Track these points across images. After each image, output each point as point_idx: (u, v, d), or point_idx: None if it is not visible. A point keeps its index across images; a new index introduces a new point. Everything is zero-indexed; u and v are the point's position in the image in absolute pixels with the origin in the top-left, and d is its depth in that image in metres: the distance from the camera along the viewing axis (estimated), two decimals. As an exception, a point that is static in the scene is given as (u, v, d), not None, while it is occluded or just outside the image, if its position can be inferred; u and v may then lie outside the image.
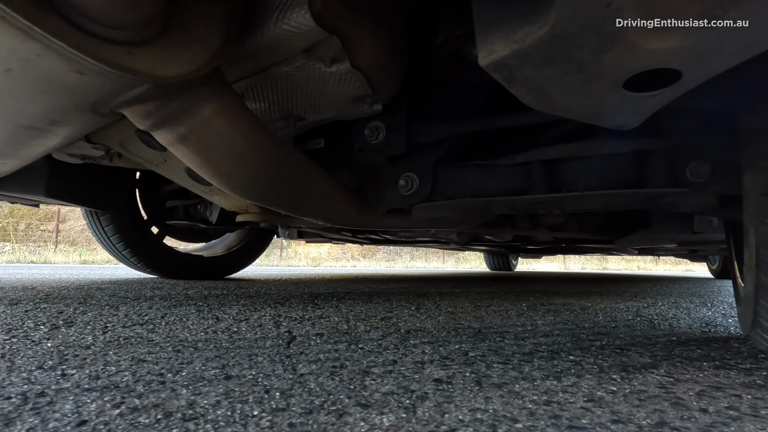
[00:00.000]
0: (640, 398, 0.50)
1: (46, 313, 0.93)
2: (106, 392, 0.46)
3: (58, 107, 0.54)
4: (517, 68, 0.40)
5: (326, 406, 0.45)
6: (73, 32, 0.41)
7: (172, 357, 0.62)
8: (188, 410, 0.42)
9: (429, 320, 1.02)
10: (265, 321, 0.93)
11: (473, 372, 0.59)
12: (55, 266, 4.52)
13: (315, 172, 0.90)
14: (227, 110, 0.60)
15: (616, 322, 1.08)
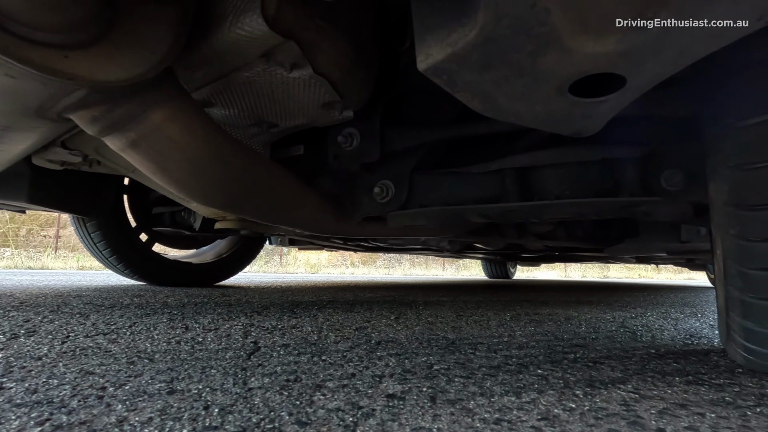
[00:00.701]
0: (597, 416, 0.48)
1: (10, 322, 0.92)
2: (35, 408, 0.45)
3: (1, 112, 0.53)
4: (456, 73, 0.39)
5: (263, 424, 0.43)
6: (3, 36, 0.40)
7: (123, 369, 0.60)
8: (115, 428, 0.40)
9: (404, 330, 1.00)
10: (235, 331, 0.92)
11: (431, 387, 0.57)
12: (51, 272, 4.51)
13: (286, 179, 0.89)
14: (180, 115, 0.59)
15: (597, 333, 1.06)
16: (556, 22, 0.32)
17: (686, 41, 0.32)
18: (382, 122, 0.93)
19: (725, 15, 0.29)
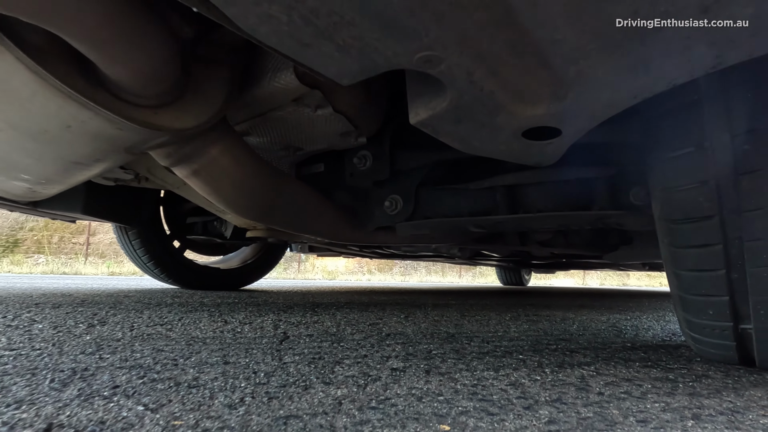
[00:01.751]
0: (554, 384, 0.62)
1: (83, 315, 1.10)
2: (132, 370, 0.61)
3: (101, 150, 0.70)
4: (437, 126, 0.54)
5: (298, 383, 0.58)
6: (116, 102, 0.57)
7: (184, 348, 0.76)
8: (193, 382, 0.56)
9: (411, 326, 1.14)
10: (266, 324, 1.07)
11: (427, 364, 0.71)
12: (86, 277, 4.80)
13: (309, 195, 1.05)
14: (230, 150, 0.76)
15: (585, 331, 1.18)
16: (500, 98, 0.46)
17: (597, 108, 0.46)
18: (391, 146, 1.08)
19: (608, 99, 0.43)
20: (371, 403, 0.50)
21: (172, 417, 0.44)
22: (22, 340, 0.77)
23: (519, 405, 0.52)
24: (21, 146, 0.75)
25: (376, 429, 0.42)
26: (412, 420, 0.45)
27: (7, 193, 1.17)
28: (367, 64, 0.43)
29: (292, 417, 0.45)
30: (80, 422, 0.41)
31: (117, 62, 0.50)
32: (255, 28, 0.39)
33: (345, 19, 0.36)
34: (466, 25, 0.35)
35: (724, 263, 0.59)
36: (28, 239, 13.63)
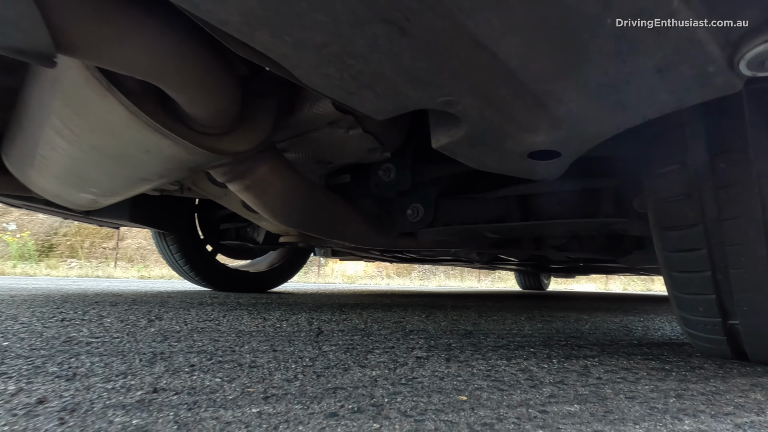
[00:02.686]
0: (559, 371, 0.71)
1: (140, 312, 1.24)
2: (200, 354, 0.73)
3: (169, 170, 0.83)
4: (455, 149, 0.64)
5: (338, 366, 0.69)
6: (190, 132, 0.69)
7: (235, 339, 0.88)
8: (250, 364, 0.68)
9: (432, 324, 1.24)
10: (301, 321, 1.19)
11: (447, 354, 0.81)
12: (120, 280, 5.05)
13: (339, 204, 1.17)
14: (276, 167, 0.88)
15: (596, 330, 1.25)
16: (507, 129, 0.56)
17: (590, 136, 0.56)
18: (413, 159, 1.19)
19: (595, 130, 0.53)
20: (401, 380, 0.61)
21: (244, 386, 0.55)
22: (100, 331, 0.91)
23: (526, 384, 0.61)
24: (101, 166, 0.89)
25: (406, 397, 0.53)
26: (436, 392, 0.56)
27: (71, 203, 1.32)
28: (399, 106, 0.54)
29: (338, 388, 0.56)
30: (176, 387, 0.53)
31: (196, 103, 0.63)
32: (313, 83, 0.50)
33: (384, 76, 0.47)
34: (477, 80, 0.46)
35: (709, 265, 0.67)
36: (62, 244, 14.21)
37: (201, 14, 0.40)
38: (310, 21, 0.39)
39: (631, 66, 0.40)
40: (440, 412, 0.48)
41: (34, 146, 0.94)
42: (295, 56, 0.45)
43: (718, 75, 0.40)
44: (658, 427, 0.46)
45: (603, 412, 0.50)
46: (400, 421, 0.45)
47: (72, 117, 0.73)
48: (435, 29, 0.39)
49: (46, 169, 1.06)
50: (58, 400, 0.47)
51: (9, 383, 0.52)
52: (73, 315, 1.13)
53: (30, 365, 0.61)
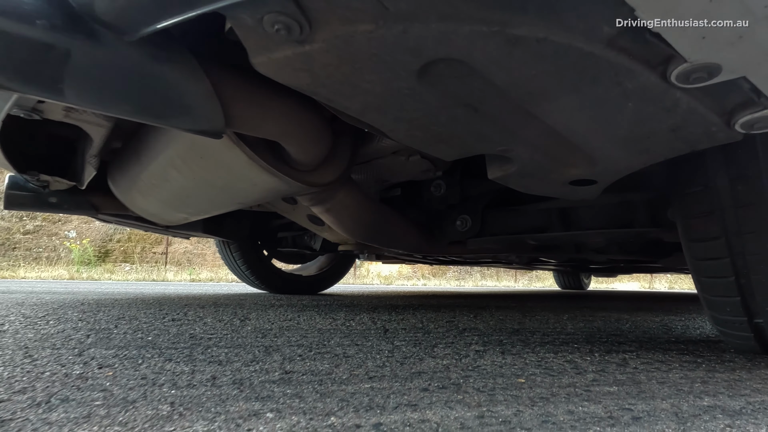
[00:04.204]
0: (600, 362, 0.83)
1: (227, 314, 1.45)
2: (301, 347, 0.91)
3: (265, 197, 1.02)
4: (508, 180, 0.78)
5: (413, 357, 0.85)
6: (290, 170, 0.87)
7: (320, 336, 1.06)
8: (343, 354, 0.85)
9: (482, 323, 1.38)
10: (366, 321, 1.36)
11: (502, 349, 0.95)
12: (175, 283, 5.45)
13: (396, 218, 1.33)
14: (350, 192, 1.05)
15: (636, 329, 1.35)
16: (552, 166, 0.70)
17: (617, 170, 0.68)
18: (461, 175, 1.33)
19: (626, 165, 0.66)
20: (468, 368, 0.76)
21: (349, 370, 0.72)
22: (210, 329, 1.11)
23: (572, 372, 0.75)
24: (207, 195, 1.09)
25: (476, 379, 0.68)
26: (498, 376, 0.70)
27: (162, 220, 1.55)
28: (464, 153, 0.69)
29: (421, 372, 0.71)
30: (299, 370, 0.70)
31: (303, 151, 0.80)
32: (401, 140, 0.66)
33: (457, 136, 0.62)
34: (529, 137, 0.60)
35: (732, 272, 0.78)
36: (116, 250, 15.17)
37: (332, 104, 0.57)
38: (410, 107, 0.55)
39: (650, 128, 0.53)
40: (505, 389, 0.63)
41: (148, 176, 1.15)
42: (392, 126, 0.61)
43: (721, 132, 0.53)
44: (680, 403, 0.58)
45: (636, 392, 0.63)
46: (477, 394, 0.60)
47: (195, 159, 0.93)
48: (500, 109, 0.54)
49: (154, 195, 1.27)
50: (225, 377, 0.65)
51: (183, 366, 0.71)
52: (178, 316, 1.35)
53: (182, 354, 0.80)
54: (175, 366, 0.71)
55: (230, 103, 0.62)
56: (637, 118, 0.51)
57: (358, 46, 0.43)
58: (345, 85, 0.51)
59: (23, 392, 0.55)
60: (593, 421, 0.50)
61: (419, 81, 0.49)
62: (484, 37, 0.40)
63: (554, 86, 0.47)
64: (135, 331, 1.03)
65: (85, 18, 0.46)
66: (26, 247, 15.36)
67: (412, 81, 0.49)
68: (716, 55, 0.39)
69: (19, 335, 0.94)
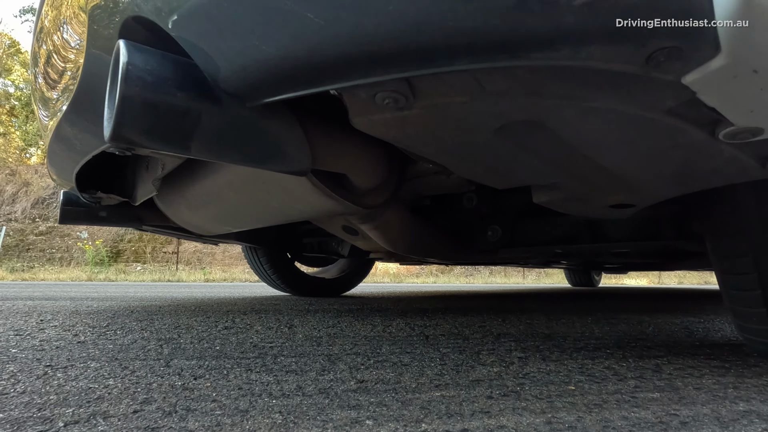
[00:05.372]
0: (636, 368, 0.91)
1: (272, 320, 1.54)
2: (358, 356, 0.99)
3: (317, 216, 1.10)
4: (553, 204, 0.86)
5: (464, 365, 0.93)
6: (348, 194, 0.95)
7: (370, 344, 1.14)
8: (400, 363, 0.93)
9: (512, 328, 1.46)
10: (401, 326, 1.44)
11: (541, 355, 1.03)
12: (195, 285, 5.57)
13: (431, 230, 1.41)
14: (397, 211, 1.13)
15: (660, 333, 1.42)
16: (595, 194, 0.77)
17: (654, 197, 0.76)
18: (493, 188, 1.41)
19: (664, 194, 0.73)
20: (518, 375, 0.84)
21: (414, 379, 0.80)
22: (266, 337, 1.20)
23: (614, 378, 0.83)
24: (259, 213, 1.18)
25: (531, 387, 0.76)
26: (549, 384, 0.78)
27: (204, 231, 1.64)
28: (517, 184, 0.77)
29: (478, 380, 0.79)
30: (370, 379, 0.79)
31: (363, 179, 0.88)
32: (460, 172, 0.74)
33: (511, 170, 0.70)
34: (578, 172, 0.68)
35: (759, 286, 0.85)
36: (128, 250, 15.35)
37: (409, 149, 0.65)
38: (479, 152, 0.63)
39: (693, 169, 0.61)
40: (560, 396, 0.71)
41: (201, 194, 1.23)
42: (458, 165, 0.69)
43: (756, 171, 0.60)
44: (719, 408, 0.66)
45: (678, 398, 0.71)
46: (537, 401, 0.68)
47: (257, 183, 1.01)
48: (561, 154, 0.61)
49: (204, 211, 1.36)
50: (309, 387, 0.73)
51: (266, 376, 0.80)
52: (228, 324, 1.44)
53: (257, 364, 0.89)
54: (259, 376, 0.80)
55: (316, 146, 0.70)
56: (683, 163, 0.59)
57: (450, 113, 0.51)
58: (427, 138, 0.59)
59: (148, 402, 0.64)
60: (647, 426, 0.58)
61: (495, 135, 0.57)
62: (563, 107, 0.48)
63: (615, 140, 0.55)
64: (200, 341, 1.12)
65: (217, 89, 0.54)
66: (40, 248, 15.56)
67: (489, 136, 0.57)
68: (760, 122, 0.47)
69: (101, 346, 1.03)
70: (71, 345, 1.04)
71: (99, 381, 0.74)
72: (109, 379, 0.76)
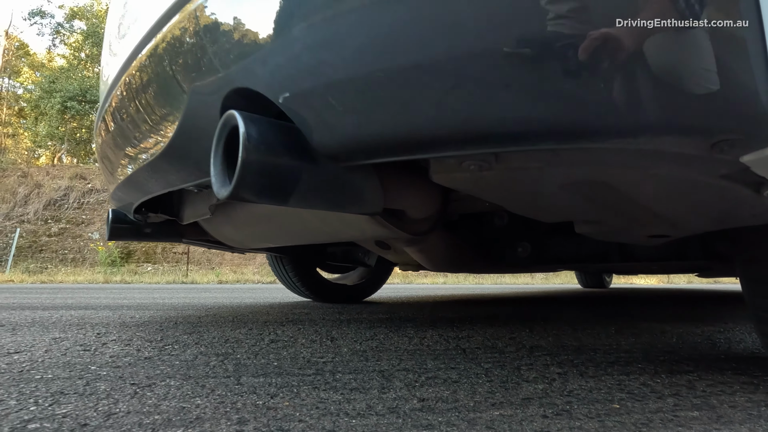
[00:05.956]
0: (671, 385, 0.98)
1: (310, 332, 1.62)
2: (407, 372, 1.06)
3: (363, 239, 1.17)
4: (592, 233, 0.93)
5: (510, 382, 1.00)
6: (400, 224, 1.03)
7: (413, 358, 1.22)
8: (450, 379, 1.00)
9: (542, 340, 1.53)
10: (438, 338, 1.52)
11: (578, 371, 1.10)
12: (211, 287, 5.68)
13: (467, 248, 1.48)
14: (440, 234, 1.20)
15: (684, 344, 1.49)
16: (634, 228, 0.84)
17: (691, 231, 0.82)
18: (523, 208, 1.48)
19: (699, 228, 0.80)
20: (563, 393, 0.91)
21: (469, 396, 0.87)
22: (312, 352, 1.28)
23: (652, 396, 0.90)
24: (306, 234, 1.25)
25: (579, 405, 0.83)
26: (595, 402, 0.85)
27: (243, 245, 1.73)
28: (563, 219, 0.84)
29: (528, 398, 0.87)
30: (428, 397, 0.86)
31: (418, 213, 0.96)
32: (513, 210, 0.81)
33: (563, 211, 0.77)
34: (626, 212, 0.75)
35: (787, 308, 0.92)
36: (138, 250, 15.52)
37: (476, 195, 0.72)
38: (541, 199, 0.70)
39: (734, 214, 0.68)
40: (608, 415, 0.78)
41: (249, 217, 1.32)
42: (514, 206, 0.76)
43: (792, 216, 0.67)
44: (756, 427, 0.73)
45: (716, 416, 0.78)
46: (589, 420, 0.75)
47: (312, 211, 1.09)
48: (614, 201, 0.68)
49: (249, 230, 1.44)
50: (378, 406, 0.81)
51: (332, 394, 0.88)
52: (271, 336, 1.52)
53: (318, 381, 0.97)
54: (328, 394, 0.87)
55: (386, 190, 0.77)
56: (726, 210, 0.66)
57: (525, 174, 0.59)
58: (499, 190, 0.66)
59: (243, 422, 0.72)
60: (695, 445, 0.65)
61: (559, 188, 0.64)
62: (628, 172, 0.55)
63: (669, 194, 0.62)
64: (255, 356, 1.20)
65: (316, 152, 0.62)
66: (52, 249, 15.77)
67: (555, 189, 0.64)
68: (803, 185, 0.53)
69: (168, 363, 1.12)
70: (140, 361, 1.13)
71: (187, 400, 0.82)
72: (195, 398, 0.84)
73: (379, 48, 0.49)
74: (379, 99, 0.51)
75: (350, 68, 0.51)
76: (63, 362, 1.11)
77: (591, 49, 0.40)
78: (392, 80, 0.49)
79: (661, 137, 0.44)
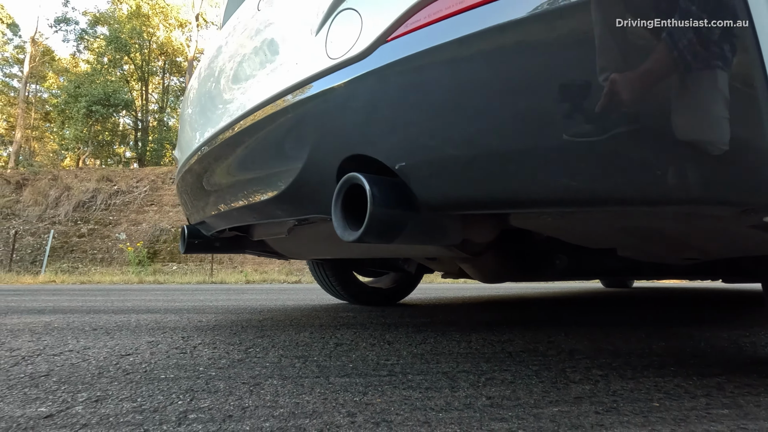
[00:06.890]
0: (702, 386, 1.12)
1: (363, 335, 1.79)
2: (466, 373, 1.23)
3: (424, 256, 1.34)
4: (633, 256, 1.08)
5: (559, 383, 1.15)
6: (462, 246, 1.19)
7: (468, 361, 1.38)
8: (506, 380, 1.16)
9: (578, 344, 1.67)
10: (482, 342, 1.68)
11: (618, 373, 1.25)
12: (243, 288, 5.93)
13: (511, 260, 1.64)
14: (492, 252, 1.36)
15: (711, 349, 1.62)
16: (672, 254, 0.99)
17: (722, 255, 0.97)
18: (560, 224, 1.63)
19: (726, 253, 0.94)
20: (609, 392, 1.06)
21: (527, 395, 1.03)
22: (377, 354, 1.45)
23: (687, 396, 1.04)
24: (372, 252, 1.43)
25: (625, 403, 0.98)
26: (637, 401, 1.00)
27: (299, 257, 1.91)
28: (609, 247, 1.00)
29: (579, 397, 1.02)
30: (496, 395, 1.02)
31: (480, 239, 1.12)
32: (566, 239, 0.97)
33: (608, 243, 0.92)
34: (669, 247, 0.90)
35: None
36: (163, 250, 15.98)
37: (543, 233, 0.88)
38: (598, 237, 0.85)
39: (763, 248, 0.82)
40: (651, 411, 0.93)
41: (314, 234, 1.49)
42: (571, 237, 0.92)
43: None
44: (778, 423, 0.88)
45: (743, 413, 0.92)
46: (634, 416, 0.90)
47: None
48: (652, 236, 0.84)
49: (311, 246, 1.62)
50: (456, 402, 0.98)
51: (412, 392, 1.05)
52: (334, 339, 1.70)
53: (396, 380, 1.14)
54: (409, 393, 1.05)
55: (465, 227, 0.94)
56: (752, 246, 0.80)
57: (592, 222, 0.74)
58: (563, 229, 0.82)
59: (352, 416, 0.89)
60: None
61: (617, 231, 0.79)
62: (677, 223, 0.70)
63: (704, 235, 0.77)
64: (330, 358, 1.39)
65: (419, 204, 0.78)
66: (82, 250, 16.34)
67: (613, 231, 0.79)
68: (815, 233, 0.68)
69: (261, 364, 1.30)
70: (236, 363, 1.32)
71: (297, 397, 1.00)
72: (302, 395, 1.02)
73: (479, 137, 0.65)
74: (479, 172, 0.67)
75: (459, 149, 0.68)
76: (172, 364, 1.31)
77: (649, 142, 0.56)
78: (493, 160, 0.65)
79: (701, 206, 0.60)
